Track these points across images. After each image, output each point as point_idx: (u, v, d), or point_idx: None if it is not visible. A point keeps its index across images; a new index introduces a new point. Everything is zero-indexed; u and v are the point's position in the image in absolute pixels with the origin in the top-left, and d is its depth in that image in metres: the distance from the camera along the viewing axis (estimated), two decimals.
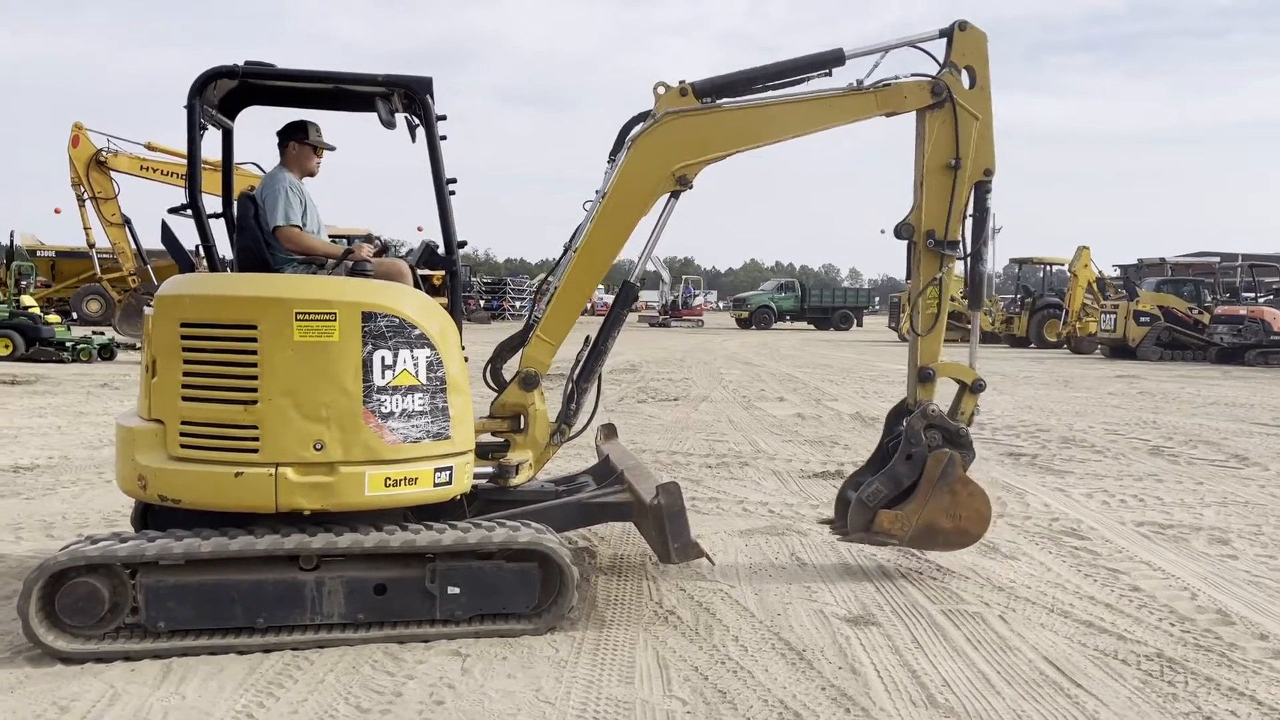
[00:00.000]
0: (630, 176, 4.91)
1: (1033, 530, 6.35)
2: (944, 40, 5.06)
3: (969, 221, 5.15)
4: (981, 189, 5.10)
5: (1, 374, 14.89)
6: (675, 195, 5.01)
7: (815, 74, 5.06)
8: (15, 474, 7.57)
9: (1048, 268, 34.74)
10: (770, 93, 5.05)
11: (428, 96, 4.55)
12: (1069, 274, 30.58)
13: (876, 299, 65.86)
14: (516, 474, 4.89)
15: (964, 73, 5.05)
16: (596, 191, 5.05)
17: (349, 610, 4.13)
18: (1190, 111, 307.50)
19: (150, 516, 4.50)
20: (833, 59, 5.01)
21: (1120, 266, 32.01)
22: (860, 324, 48.36)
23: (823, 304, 48.70)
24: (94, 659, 3.88)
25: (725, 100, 4.97)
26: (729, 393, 15.07)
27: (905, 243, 5.21)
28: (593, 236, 4.94)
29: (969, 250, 5.17)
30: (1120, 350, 26.14)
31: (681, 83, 4.92)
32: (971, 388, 5.24)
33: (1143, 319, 25.70)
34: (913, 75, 5.03)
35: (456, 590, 4.20)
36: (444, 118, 4.63)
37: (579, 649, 4.14)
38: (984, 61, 5.03)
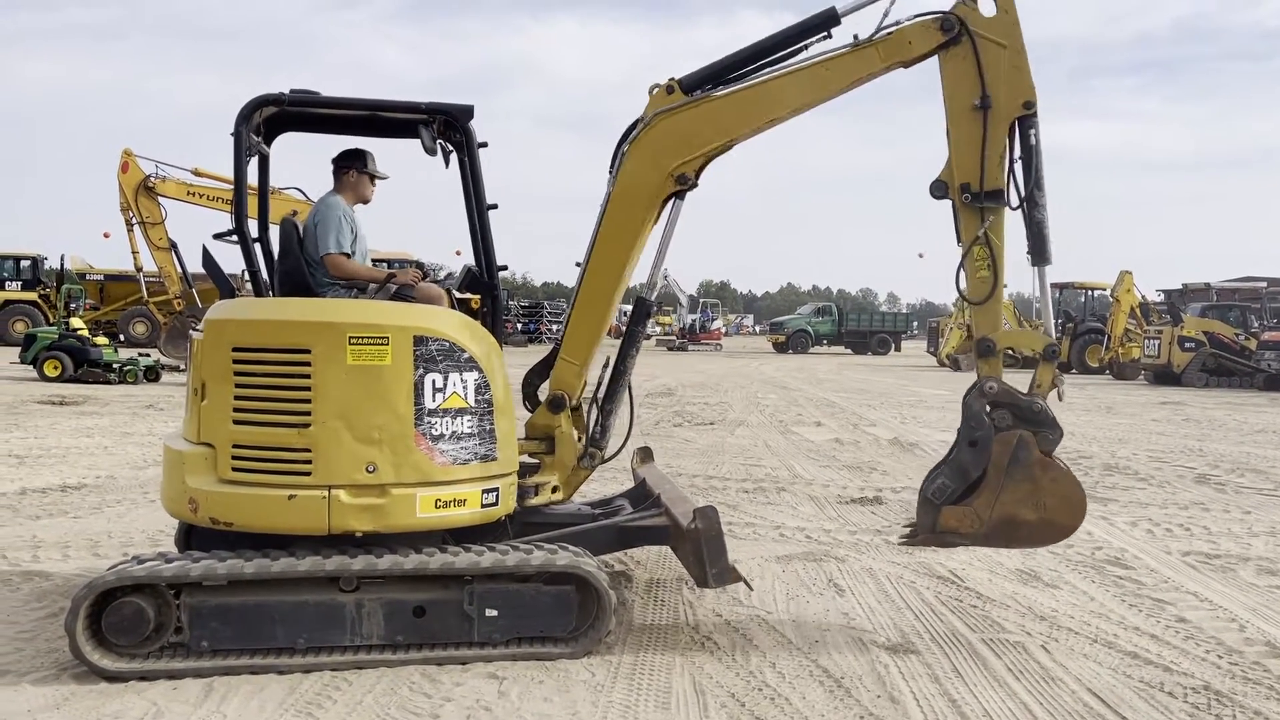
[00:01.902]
0: (628, 184, 4.77)
1: (1075, 559, 6.25)
2: None
3: (1017, 167, 4.57)
4: (1025, 125, 4.52)
5: (51, 395, 15.20)
6: (680, 195, 4.83)
7: (812, 40, 4.68)
8: (63, 493, 7.71)
9: (1089, 292, 34.35)
10: (764, 72, 4.73)
11: (469, 124, 4.62)
12: (1111, 299, 30.22)
13: (915, 323, 65.35)
14: (536, 494, 4.85)
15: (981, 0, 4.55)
16: (601, 206, 4.94)
17: (388, 632, 4.16)
18: (1236, 135, 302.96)
19: (194, 537, 4.55)
20: (826, 19, 4.63)
21: (1164, 291, 31.59)
22: (898, 349, 47.98)
23: (860, 328, 48.41)
24: (138, 677, 3.93)
25: (716, 90, 4.73)
26: (765, 417, 15.02)
27: (949, 204, 4.66)
28: (600, 250, 4.84)
29: (1022, 196, 4.56)
30: (1164, 376, 25.75)
31: (670, 80, 4.74)
32: (1044, 355, 4.57)
33: (1187, 345, 25.30)
34: (914, 17, 4.56)
35: (494, 613, 4.22)
36: (485, 145, 4.69)
37: (615, 673, 4.13)
38: None
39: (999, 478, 4.49)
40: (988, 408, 4.54)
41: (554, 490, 4.96)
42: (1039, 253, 4.61)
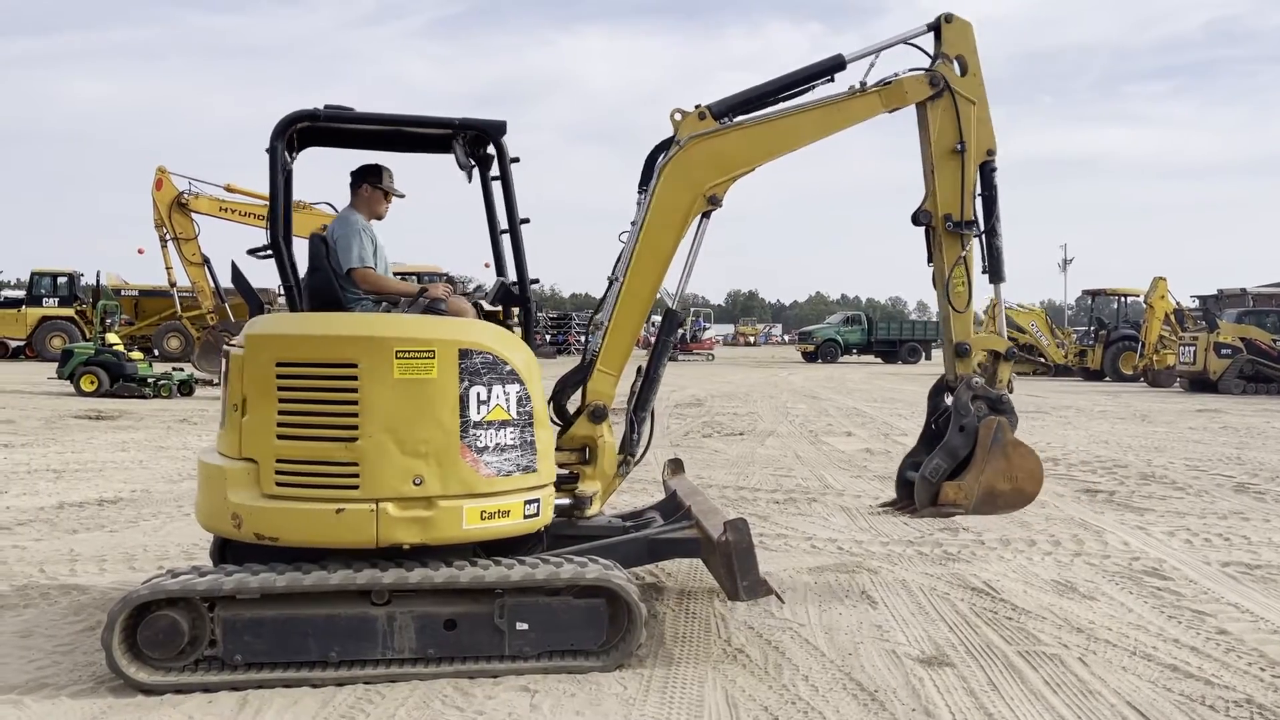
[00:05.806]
0: (665, 203, 5.03)
1: (1112, 570, 6.17)
2: (933, 35, 5.39)
3: (980, 201, 5.44)
4: (987, 168, 5.41)
5: (87, 409, 15.41)
6: (707, 215, 5.15)
7: (820, 81, 5.30)
8: (100, 507, 7.80)
9: (1122, 299, 33.97)
10: (782, 105, 5.24)
11: (501, 140, 4.65)
12: (1145, 305, 29.86)
13: None
14: (591, 505, 4.94)
15: (955, 62, 5.32)
16: (632, 223, 5.15)
17: (420, 645, 4.16)
18: (1271, 137, 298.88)
19: (229, 551, 4.59)
20: (835, 65, 5.28)
21: (1199, 297, 31.17)
22: (929, 357, 47.48)
23: (890, 337, 48.04)
24: (173, 690, 3.96)
25: (741, 118, 5.15)
26: (795, 427, 14.95)
27: (924, 229, 5.46)
28: (637, 265, 5.05)
29: (984, 227, 5.45)
30: (1200, 383, 25.40)
31: (698, 107, 5.07)
32: (1005, 356, 5.51)
33: (1224, 351, 24.95)
34: (909, 71, 5.33)
35: (525, 626, 4.21)
36: (517, 160, 4.72)
37: (647, 687, 4.12)
38: (972, 50, 5.36)
39: (984, 456, 5.29)
40: (972, 399, 5.36)
41: (600, 499, 5.04)
42: (996, 272, 5.53)
